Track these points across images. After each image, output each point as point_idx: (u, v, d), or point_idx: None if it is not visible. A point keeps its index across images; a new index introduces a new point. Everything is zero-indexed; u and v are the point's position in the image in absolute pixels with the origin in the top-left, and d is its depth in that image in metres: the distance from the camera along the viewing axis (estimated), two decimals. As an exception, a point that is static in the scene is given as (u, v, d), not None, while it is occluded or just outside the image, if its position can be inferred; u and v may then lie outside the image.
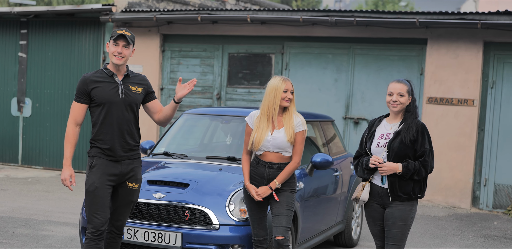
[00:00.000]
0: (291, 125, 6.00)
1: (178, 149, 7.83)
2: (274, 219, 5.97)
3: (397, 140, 5.70)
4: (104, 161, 5.80)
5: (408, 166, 5.61)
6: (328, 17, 11.70)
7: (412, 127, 5.70)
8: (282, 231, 5.90)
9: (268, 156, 6.03)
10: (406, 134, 5.68)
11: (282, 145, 5.99)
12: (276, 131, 6.01)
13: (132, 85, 5.91)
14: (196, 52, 13.13)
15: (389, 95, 5.79)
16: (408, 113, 5.80)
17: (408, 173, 5.62)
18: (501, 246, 9.02)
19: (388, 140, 5.73)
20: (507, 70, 11.24)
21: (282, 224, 5.92)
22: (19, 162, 14.24)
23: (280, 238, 5.89)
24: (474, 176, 11.34)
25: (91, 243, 5.75)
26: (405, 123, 5.74)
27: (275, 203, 6.00)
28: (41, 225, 8.95)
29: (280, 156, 6.03)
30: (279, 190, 6.02)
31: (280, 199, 5.98)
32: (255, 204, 6.06)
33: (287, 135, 5.97)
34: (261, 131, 6.00)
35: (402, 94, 5.75)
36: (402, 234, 5.74)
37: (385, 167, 5.60)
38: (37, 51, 14.01)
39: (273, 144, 5.99)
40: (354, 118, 12.08)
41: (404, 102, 5.76)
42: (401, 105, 5.76)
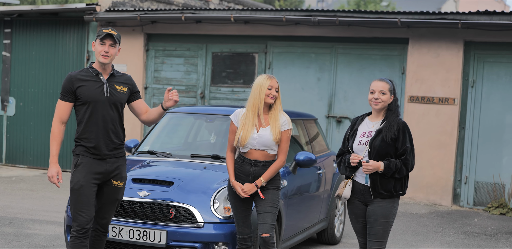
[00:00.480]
0: (277, 124, 6.02)
1: (162, 148, 7.83)
2: (260, 217, 5.98)
3: (378, 138, 5.72)
4: (89, 159, 5.79)
5: (390, 164, 5.64)
6: (311, 17, 11.72)
7: (393, 125, 5.73)
8: (268, 228, 5.92)
9: (253, 154, 6.04)
10: (388, 132, 5.71)
11: (268, 143, 6.00)
12: (262, 129, 6.02)
13: (117, 84, 5.91)
14: (180, 52, 13.12)
15: (371, 93, 5.82)
16: (389, 112, 5.83)
17: (390, 171, 5.65)
18: (482, 242, 9.08)
19: (370, 138, 5.76)
20: (487, 69, 11.31)
21: (267, 221, 5.94)
22: (3, 160, 14.17)
23: (266, 236, 5.91)
24: (455, 174, 11.41)
25: (76, 241, 5.74)
26: (387, 121, 5.77)
27: (260, 200, 6.01)
28: (25, 223, 8.91)
29: (265, 154, 6.04)
30: (264, 187, 6.04)
31: (265, 197, 5.99)
32: (240, 202, 6.08)
33: (273, 134, 5.99)
34: (247, 128, 6.00)
35: (384, 92, 5.78)
36: (384, 231, 5.77)
37: (370, 166, 5.62)
38: (21, 50, 13.94)
39: (259, 141, 6.00)
40: (336, 117, 12.12)
41: (386, 100, 5.78)
42: (382, 103, 5.78)
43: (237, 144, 6.06)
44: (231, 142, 6.14)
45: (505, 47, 11.23)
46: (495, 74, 11.28)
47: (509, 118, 11.18)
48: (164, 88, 13.11)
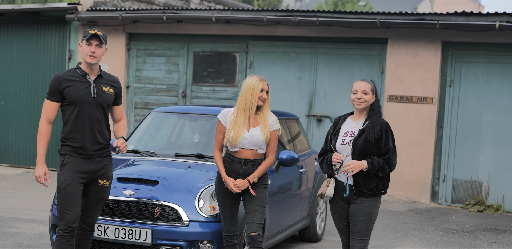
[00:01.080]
0: (266, 124, 6.07)
1: (146, 147, 7.81)
2: (248, 216, 6.01)
3: (361, 137, 5.76)
4: (75, 159, 5.79)
5: (373, 162, 5.68)
6: (291, 17, 11.75)
7: (376, 125, 5.77)
8: (256, 227, 5.96)
9: (243, 153, 6.07)
10: (371, 132, 5.74)
11: (259, 142, 6.04)
12: (252, 129, 6.05)
13: (104, 85, 5.91)
14: (161, 51, 13.09)
15: (354, 93, 5.85)
16: (372, 112, 5.86)
17: (373, 169, 5.68)
18: (460, 239, 9.16)
19: (352, 138, 5.79)
20: (465, 69, 11.40)
21: (256, 220, 5.98)
22: (-16, 159, 14.06)
23: (254, 234, 5.95)
24: (433, 172, 11.49)
25: (62, 240, 5.73)
26: (370, 121, 5.80)
27: (249, 199, 6.04)
28: (8, 222, 8.86)
29: (255, 153, 6.07)
30: (254, 185, 6.06)
31: (255, 195, 6.02)
32: (227, 200, 6.09)
33: (264, 134, 6.03)
34: (238, 128, 6.02)
35: (366, 92, 5.82)
36: (367, 229, 5.80)
37: (351, 165, 5.65)
38: (2, 49, 13.83)
39: (250, 141, 6.03)
40: (317, 115, 12.16)
41: (368, 100, 5.82)
42: (365, 103, 5.82)
43: (227, 143, 6.08)
44: (219, 141, 6.15)
45: (482, 48, 11.33)
46: (472, 74, 11.38)
47: (486, 117, 11.28)
48: (146, 87, 13.09)
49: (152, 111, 8.20)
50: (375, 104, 5.87)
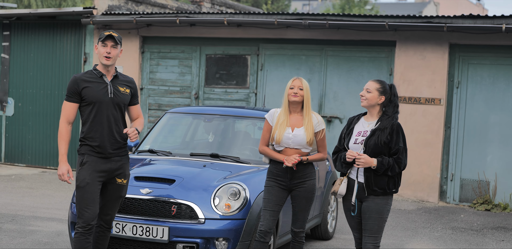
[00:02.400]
0: (310, 125, 6.20)
1: (162, 146, 7.84)
2: (294, 213, 6.26)
3: (373, 137, 5.76)
4: (94, 158, 5.81)
5: (383, 161, 5.68)
6: (301, 20, 11.75)
7: (386, 128, 5.76)
8: (300, 224, 6.28)
9: (288, 152, 6.21)
10: (381, 135, 5.74)
11: (302, 142, 6.18)
12: (296, 129, 6.20)
13: (121, 86, 5.95)
14: (174, 54, 13.11)
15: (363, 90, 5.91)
16: (385, 116, 5.84)
17: (382, 168, 5.68)
18: (469, 237, 9.13)
19: (365, 137, 5.80)
20: (472, 71, 11.37)
21: (300, 218, 6.27)
22: (2, 159, 14.10)
23: (297, 231, 6.27)
24: (441, 171, 11.47)
25: (81, 237, 5.76)
26: (381, 124, 5.79)
27: (296, 197, 6.23)
28: (27, 220, 8.88)
29: (300, 152, 6.22)
30: (302, 180, 6.20)
31: (300, 195, 6.21)
32: (273, 197, 6.20)
33: (307, 135, 6.17)
34: (282, 127, 6.19)
35: (369, 91, 5.84)
36: (379, 226, 5.80)
37: (362, 159, 5.65)
38: (19, 52, 13.89)
39: (294, 141, 6.17)
40: (327, 116, 12.15)
41: (370, 98, 5.82)
42: (366, 101, 5.84)
43: (272, 142, 6.23)
44: (265, 139, 6.31)
45: (488, 50, 11.30)
46: (479, 75, 11.35)
47: (493, 118, 11.25)
48: (159, 89, 13.11)
49: (168, 112, 8.22)
50: (390, 108, 5.84)
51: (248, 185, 6.52)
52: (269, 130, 6.30)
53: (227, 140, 7.80)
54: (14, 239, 7.85)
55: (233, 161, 7.22)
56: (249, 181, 6.64)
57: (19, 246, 7.53)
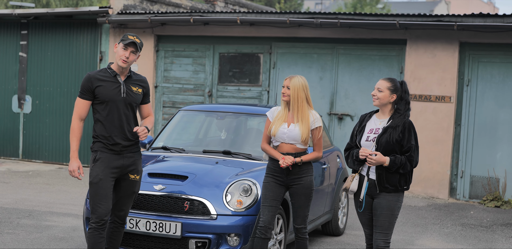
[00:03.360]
0: (306, 122, 6.18)
1: (175, 143, 7.82)
2: (294, 209, 6.23)
3: (385, 135, 5.72)
4: (107, 155, 5.82)
5: (395, 160, 5.64)
6: (313, 19, 11.71)
7: (398, 126, 5.72)
8: (301, 220, 6.25)
9: (284, 147, 6.20)
10: (393, 133, 5.70)
11: (296, 137, 6.16)
12: (292, 125, 6.18)
13: (133, 86, 5.96)
14: (188, 52, 13.10)
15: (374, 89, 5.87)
16: (397, 113, 5.80)
17: (394, 166, 5.64)
18: (478, 234, 9.07)
19: (377, 135, 5.76)
20: (482, 69, 11.29)
21: (300, 214, 6.24)
22: (20, 156, 14.16)
23: (299, 227, 6.24)
24: (451, 168, 11.40)
25: (94, 232, 5.78)
26: (392, 122, 5.75)
27: (294, 193, 6.21)
28: (44, 216, 8.91)
29: (294, 148, 6.20)
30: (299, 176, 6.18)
31: (299, 192, 6.19)
32: (270, 193, 6.19)
33: (301, 132, 6.15)
34: (278, 123, 6.22)
35: (380, 90, 5.79)
36: (390, 223, 5.76)
37: (374, 159, 5.62)
38: (36, 51, 13.92)
39: (289, 136, 6.17)
40: (338, 114, 12.11)
41: (381, 97, 5.78)
42: (378, 100, 5.80)
43: (269, 134, 6.25)
44: (266, 136, 6.33)
45: (498, 48, 11.22)
46: (489, 73, 11.27)
47: (503, 116, 11.17)
48: (173, 87, 13.11)
49: (181, 109, 8.21)
50: (402, 105, 5.80)
51: (259, 182, 6.50)
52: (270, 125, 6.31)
53: (239, 137, 7.78)
54: (31, 234, 7.88)
55: (245, 158, 7.21)
56: (261, 177, 6.58)
57: (36, 241, 7.55)
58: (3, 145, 14.24)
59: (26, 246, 7.31)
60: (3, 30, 14.19)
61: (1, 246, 7.25)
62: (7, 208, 9.22)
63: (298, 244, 6.34)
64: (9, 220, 8.53)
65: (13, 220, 8.52)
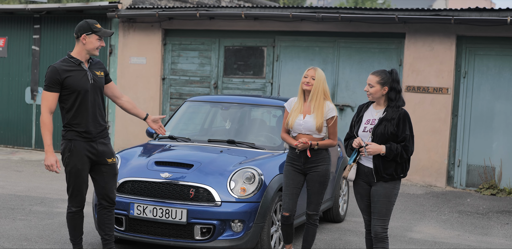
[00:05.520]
0: (321, 112, 6.20)
1: (181, 133, 7.79)
2: (308, 196, 6.26)
3: (381, 126, 5.68)
4: (81, 143, 5.78)
5: (391, 147, 5.60)
6: (315, 13, 11.63)
7: (394, 119, 5.66)
8: (314, 207, 6.27)
9: (300, 138, 6.21)
10: (388, 126, 5.65)
11: (312, 128, 6.19)
12: (308, 116, 6.21)
13: (96, 70, 5.92)
14: (194, 45, 13.04)
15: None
16: (391, 103, 5.73)
17: (391, 153, 5.60)
18: (475, 220, 9.02)
19: (373, 126, 5.71)
20: (478, 61, 11.21)
21: (313, 201, 6.26)
22: (32, 145, 14.15)
23: (311, 213, 6.26)
24: (448, 157, 11.34)
25: (75, 216, 5.92)
26: (387, 113, 5.69)
27: (310, 181, 6.24)
28: (55, 203, 8.89)
29: (311, 137, 6.22)
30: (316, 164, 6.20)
31: (313, 179, 6.21)
32: (290, 181, 6.25)
33: (316, 121, 6.17)
34: (295, 113, 6.25)
35: (371, 85, 5.75)
36: (387, 209, 5.74)
37: (370, 149, 5.57)
38: (49, 44, 13.89)
39: (305, 127, 6.21)
40: (339, 105, 12.05)
41: (374, 92, 5.73)
42: (371, 95, 5.77)
43: (287, 127, 6.29)
44: (283, 126, 6.38)
45: (494, 41, 11.13)
46: (485, 66, 11.19)
47: (498, 106, 11.10)
48: (180, 79, 13.06)
49: (187, 100, 8.16)
50: (394, 95, 5.73)
51: (262, 170, 6.46)
52: (287, 117, 6.34)
53: (243, 127, 7.73)
54: (43, 220, 7.86)
55: (249, 147, 7.17)
56: (264, 165, 6.58)
57: (47, 227, 7.53)
58: (17, 135, 14.23)
59: (38, 232, 7.29)
60: (16, 24, 14.16)
61: (14, 231, 7.24)
62: (20, 195, 9.21)
63: (308, 230, 6.35)
64: (22, 207, 8.52)
65: (26, 207, 8.50)
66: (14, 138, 14.26)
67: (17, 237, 7.04)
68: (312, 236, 6.36)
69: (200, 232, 6.22)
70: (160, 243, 6.34)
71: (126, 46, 13.28)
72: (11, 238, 6.99)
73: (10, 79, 14.24)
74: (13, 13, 14.04)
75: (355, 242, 7.58)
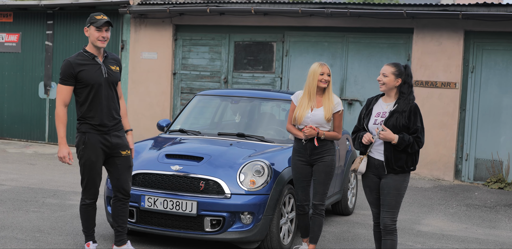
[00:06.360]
0: (329, 105, 6.23)
1: (192, 126, 7.77)
2: (314, 186, 6.27)
3: (392, 118, 5.65)
4: (95, 135, 5.79)
5: (404, 137, 5.57)
6: (324, 9, 11.58)
7: (405, 111, 5.62)
8: (319, 197, 6.28)
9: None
10: (399, 118, 5.61)
11: (320, 121, 6.21)
12: (316, 109, 6.23)
13: (111, 65, 5.90)
14: (205, 41, 13.01)
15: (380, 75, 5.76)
16: (402, 96, 5.70)
17: (403, 143, 5.55)
18: (482, 214, 8.97)
19: (384, 118, 5.67)
20: (486, 56, 11.14)
21: (319, 191, 6.27)
22: (45, 139, 14.18)
23: (317, 203, 6.27)
24: (456, 151, 11.28)
25: (88, 208, 5.93)
26: (398, 106, 5.65)
27: (316, 172, 6.25)
28: (67, 195, 8.90)
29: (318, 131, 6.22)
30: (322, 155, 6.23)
31: (319, 169, 6.23)
32: (299, 174, 6.30)
33: (325, 114, 6.20)
34: (303, 108, 6.24)
35: (385, 75, 5.71)
36: (396, 202, 5.70)
37: (384, 133, 5.53)
38: (62, 40, 13.89)
39: (312, 120, 6.21)
40: (348, 99, 12.00)
41: (387, 82, 5.69)
42: (385, 85, 5.71)
43: (294, 122, 6.28)
44: (290, 118, 6.38)
45: (502, 36, 11.05)
46: (492, 61, 11.12)
47: (506, 101, 11.02)
48: (191, 74, 13.04)
49: (197, 94, 8.14)
50: (405, 88, 5.70)
51: (272, 163, 6.44)
52: (293, 109, 6.34)
53: (252, 121, 7.71)
54: (55, 212, 7.87)
55: (258, 140, 7.14)
56: (273, 158, 6.56)
57: (59, 219, 7.54)
58: (30, 129, 14.26)
59: (51, 224, 7.30)
60: (30, 20, 14.17)
61: (27, 223, 7.25)
62: (33, 188, 9.22)
63: (314, 221, 6.35)
64: (35, 199, 8.53)
65: (39, 199, 8.52)
66: (27, 132, 14.29)
67: (30, 228, 7.05)
68: (318, 227, 6.34)
69: (210, 224, 6.20)
70: (171, 234, 6.32)
71: (138, 41, 13.27)
72: (24, 229, 7.00)
73: (24, 74, 14.26)
74: (27, 9, 14.06)
75: (363, 235, 7.55)
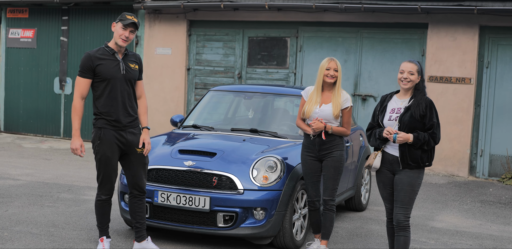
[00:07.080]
0: (338, 101, 6.19)
1: (205, 122, 7.73)
2: (324, 182, 6.24)
3: (407, 114, 5.60)
4: (111, 131, 5.78)
5: (419, 136, 5.52)
6: (338, 4, 11.48)
7: (421, 103, 5.60)
8: (329, 192, 6.25)
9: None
10: (416, 110, 5.57)
11: (328, 117, 6.18)
12: (324, 105, 6.19)
13: (131, 63, 5.90)
14: (219, 36, 12.95)
15: (401, 73, 5.69)
16: (417, 91, 5.69)
17: (418, 142, 5.52)
18: (497, 210, 8.87)
19: (399, 114, 5.62)
20: (501, 51, 11.01)
21: (329, 186, 6.24)
22: (61, 134, 14.20)
23: (326, 198, 6.25)
24: (471, 147, 11.16)
25: (104, 203, 5.93)
26: (415, 99, 5.63)
27: (325, 167, 6.22)
28: (82, 190, 8.89)
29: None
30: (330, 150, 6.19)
31: (328, 165, 6.20)
32: (309, 170, 6.28)
33: (334, 110, 6.16)
34: (311, 103, 6.22)
35: (412, 73, 5.65)
36: (410, 198, 5.65)
37: (400, 137, 5.48)
38: (76, 35, 13.89)
39: (320, 115, 6.18)
40: (362, 95, 11.90)
41: (414, 80, 5.66)
42: (411, 83, 5.66)
43: (303, 117, 6.26)
44: (299, 113, 6.36)
45: (518, 31, 10.93)
46: (508, 56, 10.98)
47: (521, 97, 10.90)
48: (205, 69, 12.99)
49: (211, 90, 8.09)
50: (420, 84, 5.69)
51: (284, 158, 6.39)
52: (304, 104, 6.29)
53: (266, 116, 7.65)
54: (70, 207, 7.86)
55: (271, 136, 7.10)
56: (286, 154, 6.51)
57: (74, 214, 7.53)
58: (46, 124, 14.29)
59: (65, 219, 7.28)
60: (45, 16, 14.18)
61: (42, 218, 7.24)
62: (48, 183, 9.22)
63: (325, 216, 6.31)
64: (50, 194, 8.53)
65: (54, 194, 8.51)
66: (43, 127, 14.31)
67: (44, 223, 7.04)
68: (330, 222, 6.29)
69: (223, 220, 6.16)
70: (184, 230, 6.29)
71: (152, 37, 13.23)
72: (39, 224, 6.99)
73: (40, 70, 14.28)
74: (42, 5, 14.07)
75: (376, 231, 7.48)
